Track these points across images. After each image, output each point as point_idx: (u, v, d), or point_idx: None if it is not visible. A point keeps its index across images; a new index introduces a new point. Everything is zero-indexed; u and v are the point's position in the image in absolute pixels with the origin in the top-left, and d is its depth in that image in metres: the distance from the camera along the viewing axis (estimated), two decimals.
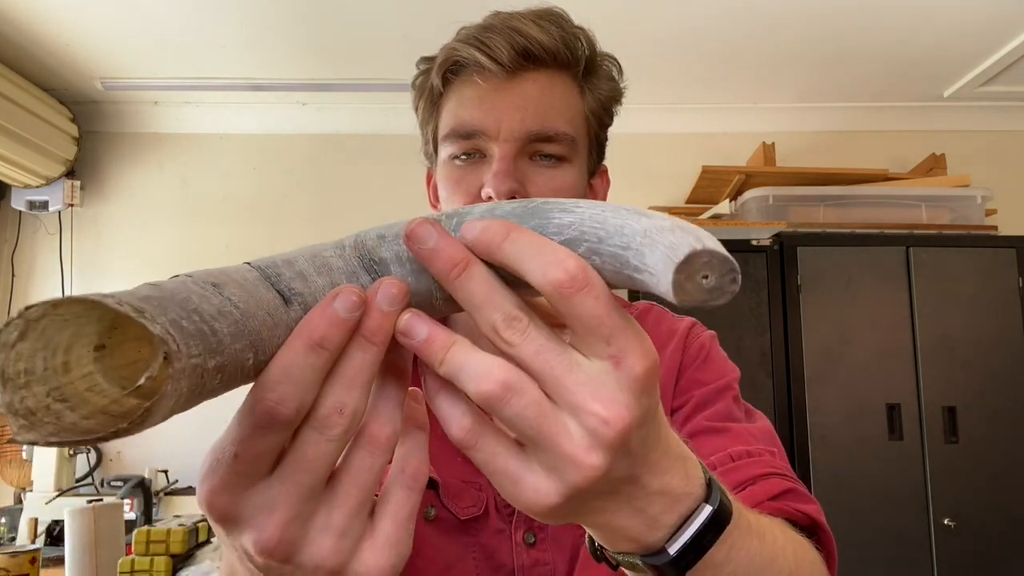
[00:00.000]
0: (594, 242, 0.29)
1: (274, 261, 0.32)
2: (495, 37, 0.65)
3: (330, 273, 0.32)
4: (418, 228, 0.30)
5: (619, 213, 0.30)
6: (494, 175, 0.65)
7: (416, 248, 0.30)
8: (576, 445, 0.28)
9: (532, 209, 0.32)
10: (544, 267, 0.28)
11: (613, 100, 0.73)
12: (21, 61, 2.39)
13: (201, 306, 0.26)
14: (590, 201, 0.31)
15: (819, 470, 2.19)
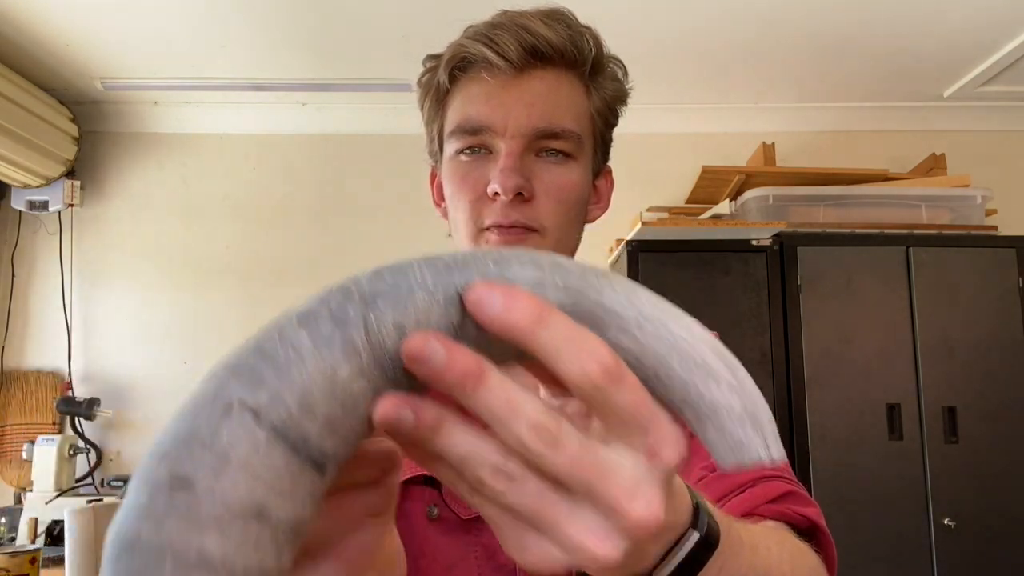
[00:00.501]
0: (651, 379, 0.27)
1: (288, 409, 0.24)
2: (503, 34, 0.65)
3: (356, 405, 0.25)
4: (418, 349, 0.25)
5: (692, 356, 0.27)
6: (500, 171, 0.64)
7: (423, 370, 0.25)
8: (600, 539, 0.26)
9: (589, 309, 0.27)
10: (581, 363, 0.25)
11: (618, 100, 0.74)
12: (21, 61, 2.39)
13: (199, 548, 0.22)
14: (651, 306, 0.28)
15: (819, 470, 2.19)
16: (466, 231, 0.68)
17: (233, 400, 0.24)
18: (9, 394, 2.62)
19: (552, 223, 0.67)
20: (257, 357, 0.25)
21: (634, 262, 2.31)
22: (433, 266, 0.27)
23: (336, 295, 0.27)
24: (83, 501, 2.14)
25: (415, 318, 0.26)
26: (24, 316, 2.70)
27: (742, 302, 2.28)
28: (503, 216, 0.65)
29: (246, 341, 0.26)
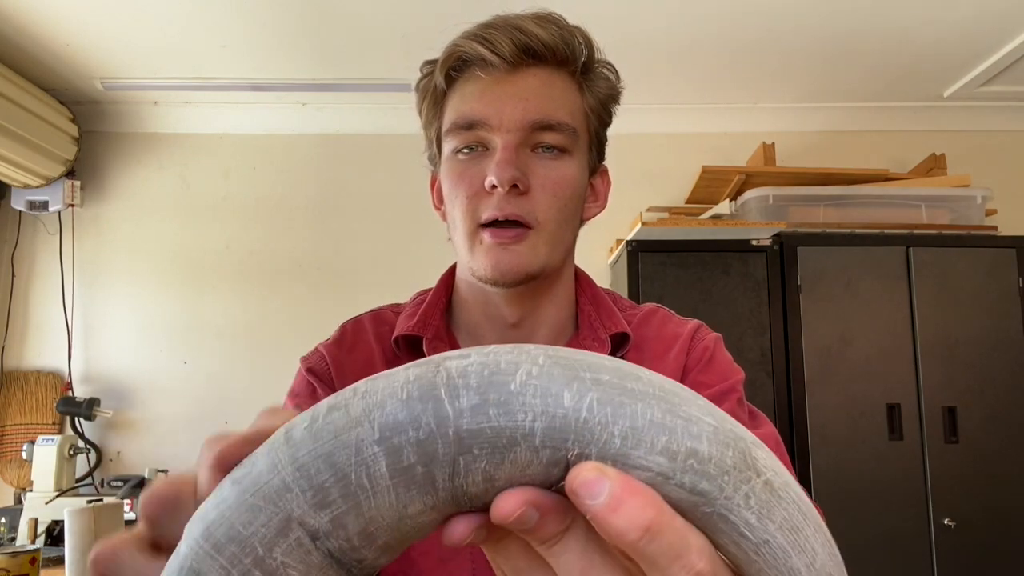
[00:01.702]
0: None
1: (348, 538, 0.23)
2: (497, 33, 0.67)
3: (419, 531, 0.24)
4: (516, 517, 0.22)
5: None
6: (497, 164, 0.65)
7: (518, 528, 0.22)
8: None
9: (708, 515, 0.23)
10: (678, 572, 0.22)
11: (611, 99, 0.74)
12: (21, 61, 2.39)
13: None
14: (783, 532, 0.23)
15: (819, 470, 2.19)
16: (463, 228, 0.68)
17: (294, 516, 0.22)
18: (9, 394, 2.62)
19: (547, 217, 0.67)
20: (327, 471, 0.22)
21: (634, 262, 2.31)
22: (550, 417, 0.22)
23: (429, 416, 0.22)
24: (83, 501, 2.14)
25: (509, 472, 0.23)
26: (24, 316, 2.71)
27: (742, 302, 2.28)
28: (499, 209, 0.66)
29: (317, 427, 0.23)
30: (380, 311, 0.79)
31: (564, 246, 0.71)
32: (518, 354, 0.23)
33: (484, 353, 0.23)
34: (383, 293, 1.11)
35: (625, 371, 0.23)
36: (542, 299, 0.73)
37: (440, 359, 0.23)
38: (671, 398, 0.22)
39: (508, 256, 0.66)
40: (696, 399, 0.23)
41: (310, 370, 0.73)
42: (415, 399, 0.22)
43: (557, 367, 0.22)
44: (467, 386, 0.22)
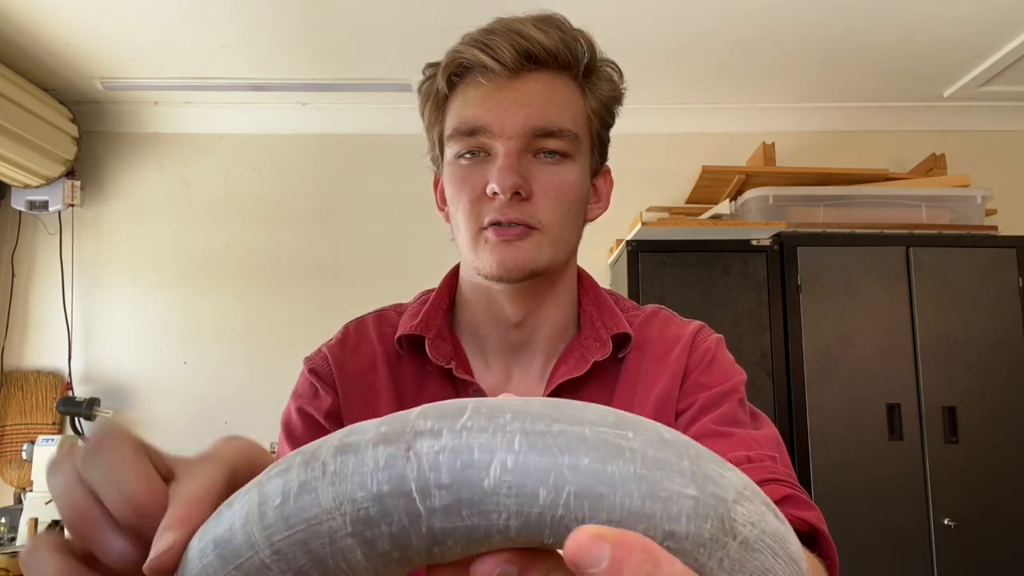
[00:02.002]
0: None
1: None
2: (498, 39, 0.67)
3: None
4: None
5: None
6: (498, 171, 0.66)
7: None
8: None
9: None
10: None
11: (614, 101, 0.74)
12: (21, 61, 2.39)
13: None
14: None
15: (819, 470, 2.19)
16: (466, 231, 0.69)
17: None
18: (9, 394, 2.61)
19: (550, 221, 0.68)
20: (304, 557, 0.23)
21: (634, 262, 2.31)
22: (525, 516, 0.21)
23: (401, 513, 0.22)
24: None
25: (485, 547, 0.22)
26: (24, 316, 2.70)
27: (742, 302, 2.28)
28: (501, 214, 0.66)
29: (289, 510, 0.23)
30: (383, 311, 0.79)
31: (568, 247, 0.72)
32: (493, 436, 0.22)
33: (457, 433, 0.22)
34: (383, 293, 1.10)
35: (610, 444, 0.22)
36: (545, 298, 0.73)
37: (411, 436, 0.22)
38: (654, 474, 0.22)
39: (513, 252, 0.66)
40: (682, 460, 0.22)
41: (313, 371, 0.73)
42: (386, 494, 0.22)
43: (534, 454, 0.21)
44: (439, 483, 0.21)
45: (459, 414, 0.22)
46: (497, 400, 0.23)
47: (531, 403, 0.23)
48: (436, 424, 0.22)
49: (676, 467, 0.22)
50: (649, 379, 0.71)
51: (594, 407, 0.23)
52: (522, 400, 0.23)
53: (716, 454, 0.24)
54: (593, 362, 0.71)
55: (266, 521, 0.23)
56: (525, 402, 0.23)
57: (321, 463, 0.23)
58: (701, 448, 0.24)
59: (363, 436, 0.23)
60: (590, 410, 0.23)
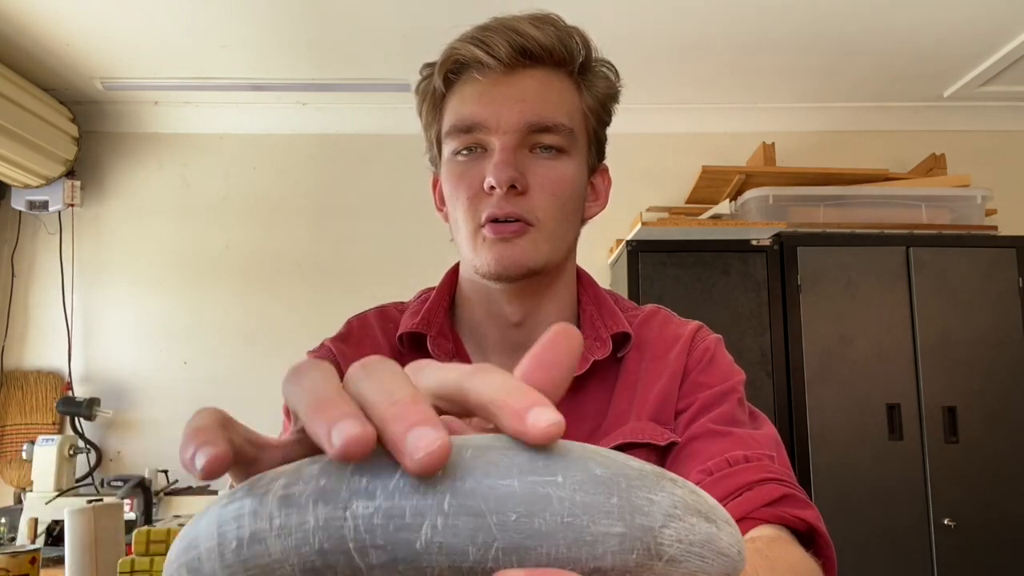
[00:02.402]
0: None
1: None
2: (493, 35, 0.67)
3: None
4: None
5: None
6: (494, 165, 0.66)
7: None
8: None
9: None
10: None
11: (610, 98, 0.75)
12: (21, 61, 2.39)
13: None
14: None
15: (819, 470, 2.19)
16: (465, 228, 0.69)
17: None
18: (9, 394, 2.62)
19: (546, 216, 0.68)
20: None
21: (634, 262, 2.31)
22: (455, 570, 0.23)
23: (343, 567, 0.23)
24: (83, 501, 2.14)
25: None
26: (24, 316, 2.70)
27: (742, 302, 2.28)
28: (498, 208, 0.66)
29: (244, 556, 0.24)
30: (385, 308, 0.80)
31: (565, 244, 0.72)
32: (424, 498, 0.23)
33: (390, 494, 0.23)
34: (383, 293, 1.11)
35: (538, 495, 0.23)
36: (544, 297, 0.73)
37: (347, 497, 0.23)
38: (580, 520, 0.23)
39: (510, 250, 0.67)
40: (610, 498, 0.23)
41: None
42: (328, 551, 0.23)
43: (463, 515, 0.23)
44: (374, 544, 0.23)
45: (392, 472, 0.23)
46: None
47: (462, 454, 0.23)
48: (370, 484, 0.23)
49: (603, 507, 0.23)
50: (648, 379, 0.71)
51: (527, 446, 0.24)
52: (455, 450, 0.24)
53: (652, 471, 0.25)
54: (593, 361, 0.71)
55: (226, 561, 0.25)
56: (457, 454, 0.23)
57: (268, 513, 0.24)
58: (634, 473, 0.24)
59: (304, 488, 0.24)
60: (521, 455, 0.24)
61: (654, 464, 0.26)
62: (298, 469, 0.25)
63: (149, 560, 1.39)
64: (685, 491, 0.25)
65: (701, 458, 0.64)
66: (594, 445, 0.26)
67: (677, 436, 0.68)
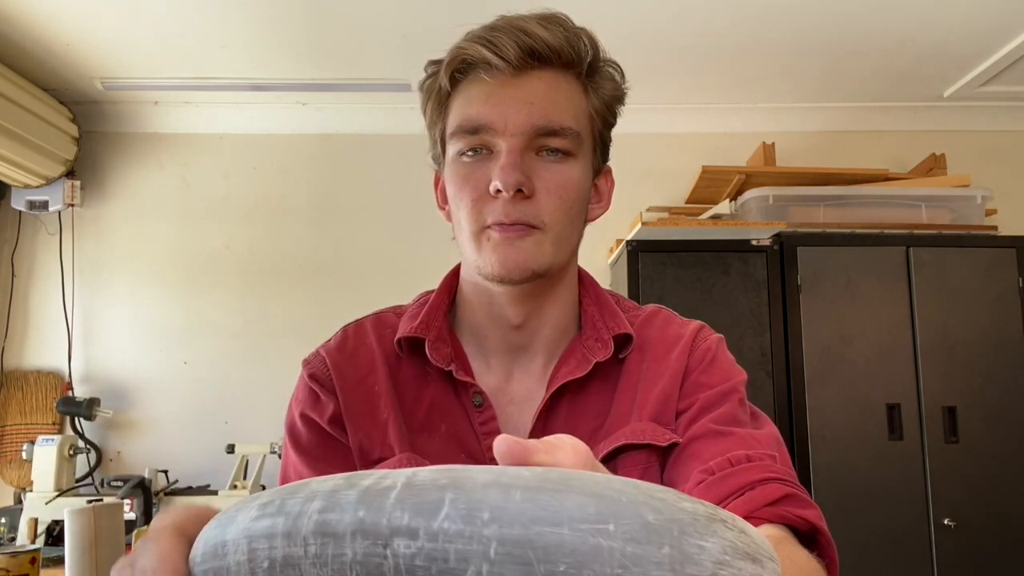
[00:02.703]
0: None
1: None
2: (501, 36, 0.66)
3: None
4: None
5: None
6: (501, 168, 0.65)
7: None
8: None
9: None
10: None
11: (616, 100, 0.74)
12: (21, 61, 2.39)
13: None
14: None
15: (819, 470, 2.19)
16: (469, 230, 0.69)
17: None
18: (9, 394, 2.62)
19: (552, 219, 0.67)
20: None
21: (634, 262, 2.31)
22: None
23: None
24: (83, 501, 2.14)
25: None
26: (24, 316, 2.70)
27: (742, 302, 2.28)
28: (504, 214, 0.66)
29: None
30: (381, 314, 0.79)
31: (570, 247, 0.71)
32: (469, 543, 0.22)
33: (433, 536, 0.22)
34: (383, 293, 1.10)
35: (589, 545, 0.22)
36: (546, 299, 0.73)
37: (388, 532, 0.23)
38: (630, 572, 0.22)
39: (515, 252, 0.66)
40: (662, 548, 0.23)
41: (312, 376, 0.73)
42: None
43: (509, 564, 0.22)
44: None
45: (436, 511, 0.22)
46: (475, 493, 0.23)
47: (511, 496, 0.23)
48: (412, 521, 0.22)
49: (655, 557, 0.22)
50: (650, 379, 0.71)
51: (578, 488, 0.23)
52: (502, 490, 0.23)
53: (704, 514, 0.24)
54: (594, 363, 0.71)
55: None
56: (504, 495, 0.23)
57: (303, 539, 0.24)
58: (687, 519, 0.24)
59: (342, 518, 0.23)
60: (572, 500, 0.23)
61: (699, 500, 0.25)
62: (334, 493, 0.24)
63: None
64: (735, 533, 0.24)
65: (703, 458, 0.64)
66: (648, 483, 0.25)
67: (678, 436, 0.68)
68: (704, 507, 0.24)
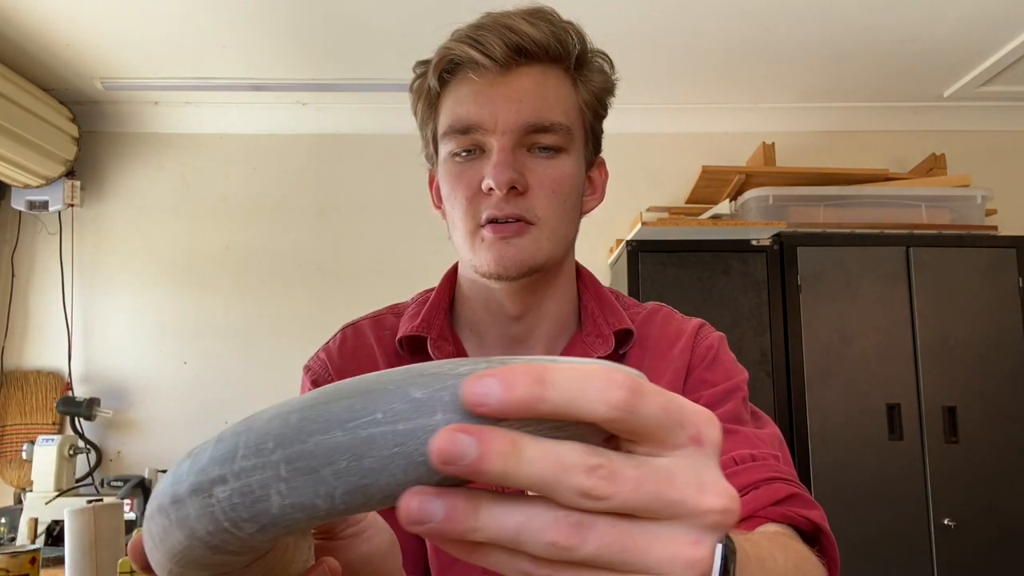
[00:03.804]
0: None
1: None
2: (487, 34, 0.67)
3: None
4: (448, 451, 0.23)
5: None
6: (493, 166, 0.66)
7: (458, 469, 0.23)
8: (691, 545, 0.25)
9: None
10: (604, 398, 0.24)
11: (606, 92, 0.74)
12: (21, 61, 2.39)
13: None
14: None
15: (819, 470, 2.19)
16: (463, 228, 0.69)
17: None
18: (9, 394, 2.61)
19: (547, 214, 0.68)
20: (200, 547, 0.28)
21: (634, 262, 2.31)
22: (314, 516, 0.25)
23: (230, 537, 0.27)
24: (83, 501, 2.14)
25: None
26: (24, 316, 2.70)
27: (742, 302, 2.28)
28: (498, 209, 0.66)
29: (167, 537, 0.28)
30: (380, 315, 0.79)
31: (566, 241, 0.72)
32: (264, 470, 0.25)
33: (237, 475, 0.26)
34: (383, 293, 1.11)
35: (360, 437, 0.25)
36: (544, 294, 0.73)
37: (208, 484, 0.26)
38: (406, 446, 0.24)
39: (511, 250, 0.66)
40: (433, 416, 0.25)
41: (315, 382, 0.74)
42: (213, 532, 0.27)
43: (299, 476, 0.25)
44: (242, 518, 0.26)
45: (234, 455, 0.26)
46: (260, 428, 0.26)
47: (288, 420, 0.25)
48: (220, 469, 0.26)
49: (430, 425, 0.24)
50: (651, 375, 0.71)
51: (347, 392, 0.25)
52: (281, 418, 0.26)
53: (485, 365, 0.25)
54: (595, 358, 0.71)
55: (159, 553, 0.29)
56: (283, 421, 0.25)
57: (173, 505, 0.27)
58: (461, 382, 0.25)
59: (180, 486, 0.27)
60: (340, 405, 0.25)
61: (493, 359, 0.26)
62: (179, 465, 0.28)
63: None
64: None
65: None
66: (433, 363, 0.26)
67: None
68: (490, 364, 0.25)
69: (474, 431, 0.23)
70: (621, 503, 0.24)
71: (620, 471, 0.24)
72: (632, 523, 0.25)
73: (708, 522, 0.25)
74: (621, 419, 0.24)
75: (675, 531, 0.25)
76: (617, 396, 0.24)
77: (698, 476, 0.25)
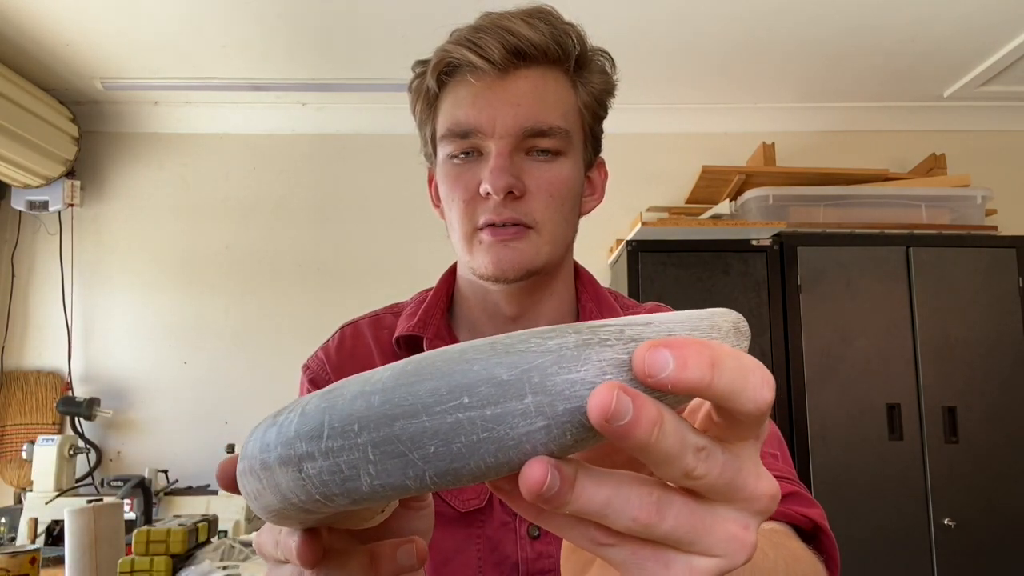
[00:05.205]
0: None
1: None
2: (486, 37, 0.66)
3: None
4: (607, 409, 0.22)
5: None
6: (491, 171, 0.65)
7: (612, 429, 0.23)
8: (744, 528, 0.26)
9: None
10: (757, 395, 0.24)
11: (606, 93, 0.74)
12: (21, 61, 2.39)
13: None
14: None
15: (819, 470, 2.19)
16: (461, 231, 0.69)
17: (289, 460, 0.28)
18: (9, 394, 2.62)
19: (545, 218, 0.68)
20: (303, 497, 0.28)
21: (634, 262, 2.31)
22: (403, 493, 0.26)
23: (321, 506, 0.28)
24: (83, 501, 2.14)
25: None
26: (24, 316, 2.71)
27: (742, 302, 2.28)
28: (496, 214, 0.66)
29: (262, 501, 0.30)
30: (378, 315, 0.79)
31: (564, 243, 0.72)
32: (352, 454, 0.26)
33: (325, 455, 0.26)
34: (383, 293, 1.11)
35: (448, 423, 0.25)
36: (541, 295, 0.73)
37: (297, 459, 0.27)
38: (496, 431, 0.24)
39: (509, 253, 0.66)
40: (524, 398, 0.25)
41: (313, 381, 0.74)
42: (306, 500, 0.28)
43: (388, 460, 0.25)
44: (333, 493, 0.27)
45: (320, 434, 0.26)
46: (344, 409, 0.26)
47: (371, 403, 0.25)
48: (308, 447, 0.26)
49: (518, 409, 0.24)
50: None
51: (430, 373, 0.25)
52: (364, 399, 0.26)
53: (574, 344, 0.24)
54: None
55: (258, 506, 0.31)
56: (367, 403, 0.25)
57: (264, 471, 0.28)
58: (550, 360, 0.24)
59: (269, 454, 0.28)
60: (424, 387, 0.25)
61: (584, 327, 0.25)
62: (265, 432, 0.29)
63: (149, 560, 1.39)
64: (619, 347, 0.25)
65: None
66: (520, 334, 0.25)
67: None
68: (580, 335, 0.25)
69: (632, 394, 0.23)
70: (707, 485, 0.25)
71: (714, 455, 0.25)
72: (699, 503, 0.26)
73: (759, 507, 0.27)
74: (756, 417, 0.25)
75: (733, 514, 0.26)
76: (767, 398, 0.25)
77: (756, 465, 0.27)
